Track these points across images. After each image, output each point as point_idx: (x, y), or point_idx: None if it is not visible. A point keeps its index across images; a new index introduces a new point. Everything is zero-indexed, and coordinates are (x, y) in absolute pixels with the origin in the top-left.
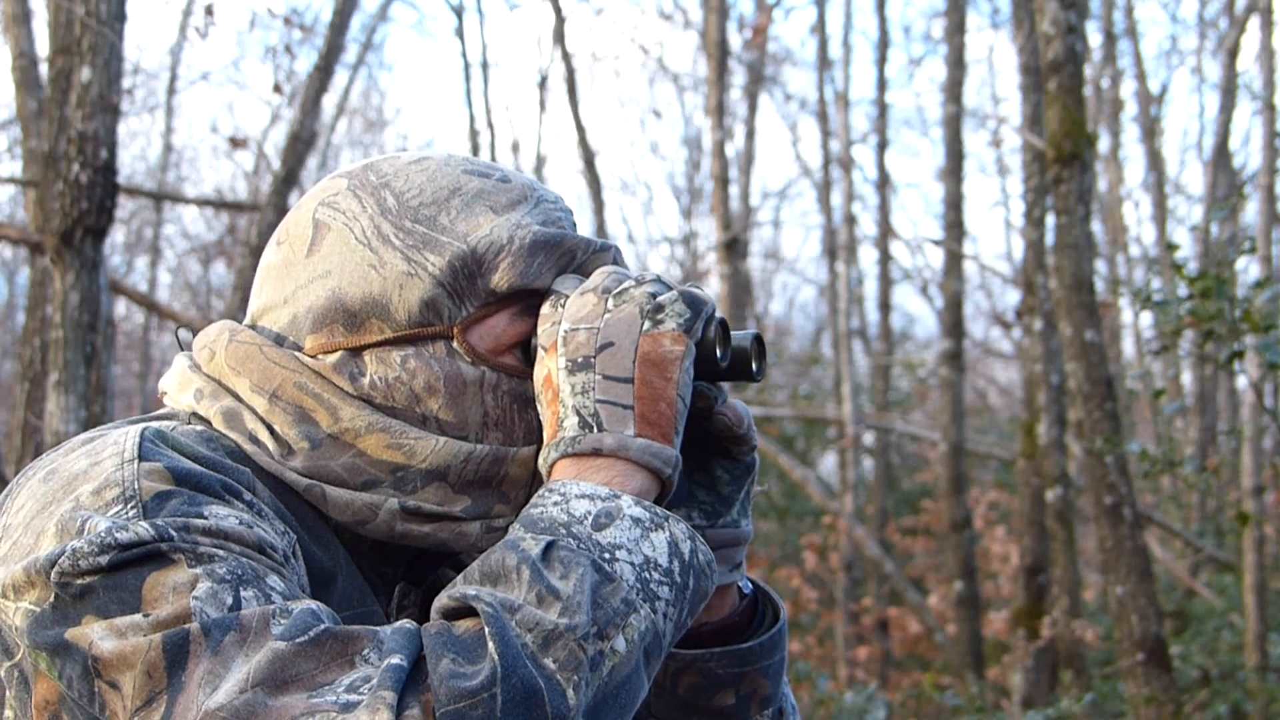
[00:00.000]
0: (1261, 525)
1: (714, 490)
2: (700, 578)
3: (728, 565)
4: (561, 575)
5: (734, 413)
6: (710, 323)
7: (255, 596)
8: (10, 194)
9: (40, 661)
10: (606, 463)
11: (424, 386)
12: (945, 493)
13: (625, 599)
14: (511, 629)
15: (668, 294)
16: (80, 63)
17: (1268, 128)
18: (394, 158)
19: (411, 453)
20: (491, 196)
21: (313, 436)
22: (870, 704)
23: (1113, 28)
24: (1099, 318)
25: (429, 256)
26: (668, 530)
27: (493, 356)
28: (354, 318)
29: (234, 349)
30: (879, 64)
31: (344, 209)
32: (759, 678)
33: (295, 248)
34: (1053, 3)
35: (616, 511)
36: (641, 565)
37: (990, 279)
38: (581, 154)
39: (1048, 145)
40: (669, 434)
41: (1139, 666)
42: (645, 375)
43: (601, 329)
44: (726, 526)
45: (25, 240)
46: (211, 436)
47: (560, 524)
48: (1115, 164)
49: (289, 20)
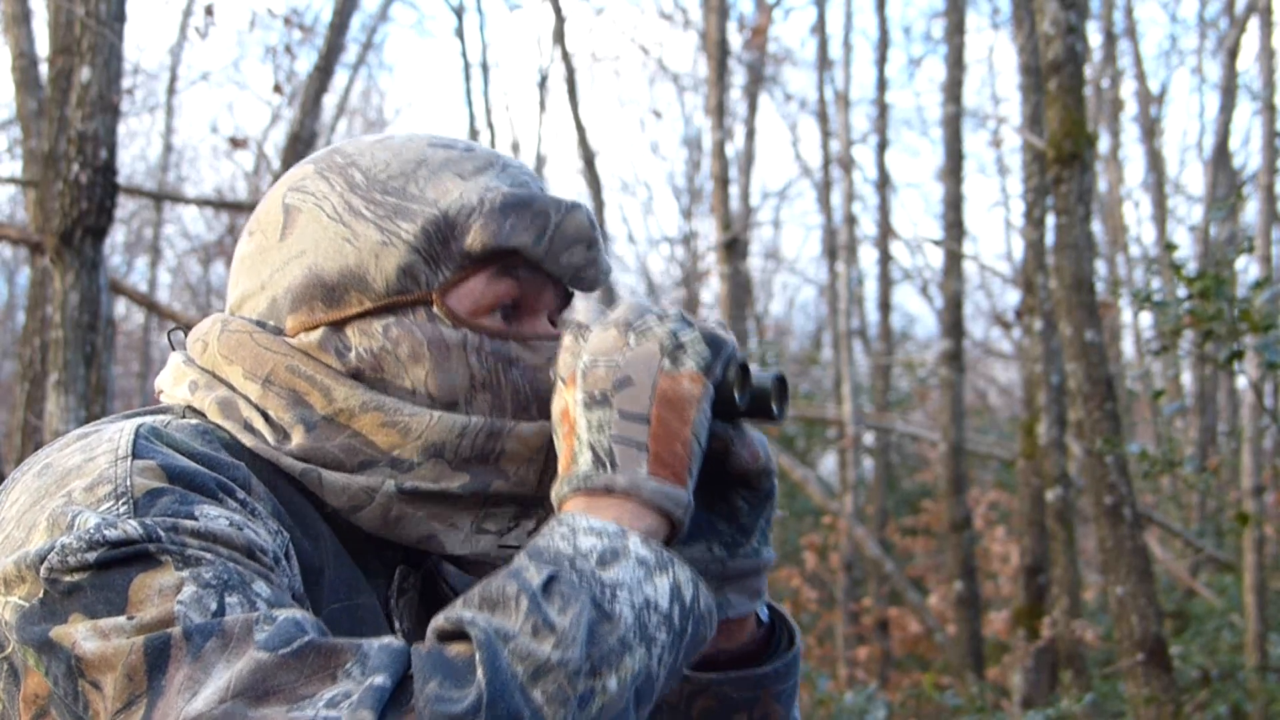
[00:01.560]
0: (1261, 525)
1: (734, 520)
2: (700, 624)
3: (747, 594)
4: (560, 609)
5: (750, 451)
6: (730, 364)
7: (240, 603)
8: (10, 194)
9: (29, 657)
10: (618, 501)
11: (409, 354)
12: (945, 493)
13: (621, 638)
14: (503, 657)
15: (689, 333)
16: (80, 63)
17: (1268, 128)
18: (357, 140)
19: (406, 430)
20: (457, 165)
21: (308, 419)
22: (870, 704)
23: (1113, 28)
24: (1099, 318)
25: (402, 224)
26: (672, 574)
27: (472, 319)
28: (332, 292)
29: (226, 338)
30: (879, 64)
31: (313, 191)
32: (772, 702)
33: (268, 234)
34: (1053, 3)
35: (623, 550)
36: (641, 606)
37: (990, 279)
38: (581, 154)
39: (1048, 145)
40: (682, 475)
41: (1139, 666)
42: (662, 415)
43: (621, 365)
44: (747, 556)
45: (25, 240)
46: (207, 430)
47: (565, 557)
48: (1115, 164)
49: (289, 20)
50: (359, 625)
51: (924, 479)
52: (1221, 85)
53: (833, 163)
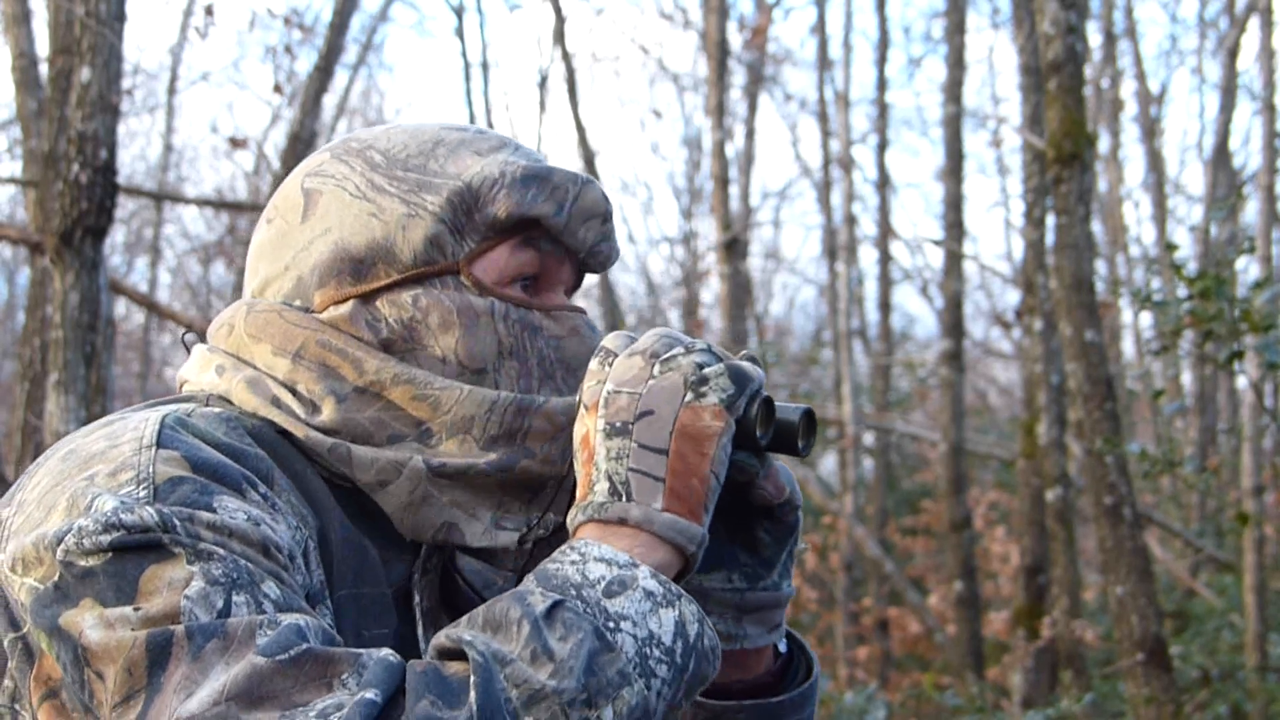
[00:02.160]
0: (1261, 525)
1: (755, 552)
2: (702, 662)
3: (765, 627)
4: (561, 637)
5: (775, 485)
6: (755, 400)
7: (246, 603)
8: (10, 194)
9: (42, 640)
10: (631, 532)
11: (439, 322)
12: (945, 493)
13: (621, 671)
14: (498, 681)
15: (714, 366)
16: (80, 63)
17: (1268, 128)
18: (369, 128)
19: (437, 404)
20: (474, 144)
21: (339, 391)
22: (870, 704)
23: (1113, 28)
24: (1099, 318)
25: (426, 197)
26: (678, 609)
27: (498, 288)
28: (360, 264)
29: (253, 318)
30: (879, 64)
31: (333, 174)
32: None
33: (289, 218)
34: (1053, 3)
35: (631, 581)
36: (645, 640)
37: (990, 279)
38: (581, 154)
39: (1048, 145)
40: (698, 511)
41: (1139, 666)
42: (681, 449)
43: (644, 395)
44: (767, 589)
45: (25, 240)
46: (231, 417)
47: (572, 584)
48: (1115, 164)
49: (289, 20)
50: (363, 615)
51: (924, 479)
52: (1221, 85)
53: (833, 163)
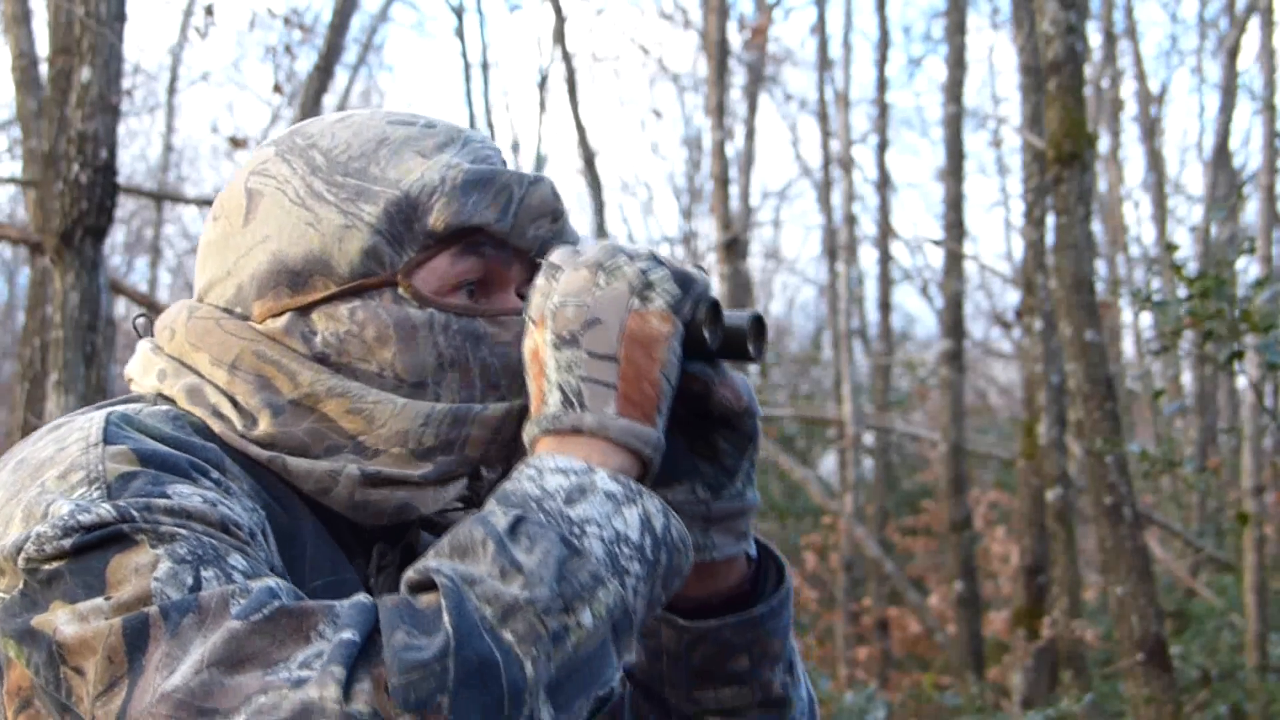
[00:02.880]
0: (1261, 525)
1: (717, 462)
2: (674, 553)
3: (734, 536)
4: (527, 549)
5: (733, 392)
6: (701, 302)
7: (216, 576)
8: (10, 194)
9: (9, 649)
10: (586, 441)
11: (375, 336)
12: (945, 493)
13: (593, 573)
14: (469, 601)
15: (659, 271)
16: (80, 63)
17: (1268, 128)
18: (319, 119)
19: (371, 418)
20: (419, 142)
21: (274, 404)
22: (870, 704)
23: (1113, 28)
24: (1099, 318)
25: (364, 206)
26: (640, 505)
27: (438, 298)
28: (297, 277)
29: (193, 325)
30: (879, 64)
31: (275, 174)
32: (770, 639)
33: (232, 220)
34: (1053, 3)
35: (590, 486)
36: (612, 540)
37: (990, 279)
38: (581, 154)
39: (1048, 145)
40: (651, 414)
41: (1139, 666)
42: (630, 354)
43: (590, 305)
44: (732, 498)
45: (25, 240)
46: (178, 415)
47: (532, 498)
48: (1115, 164)
49: (289, 20)
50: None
51: (924, 479)
52: (1221, 85)
53: (833, 163)
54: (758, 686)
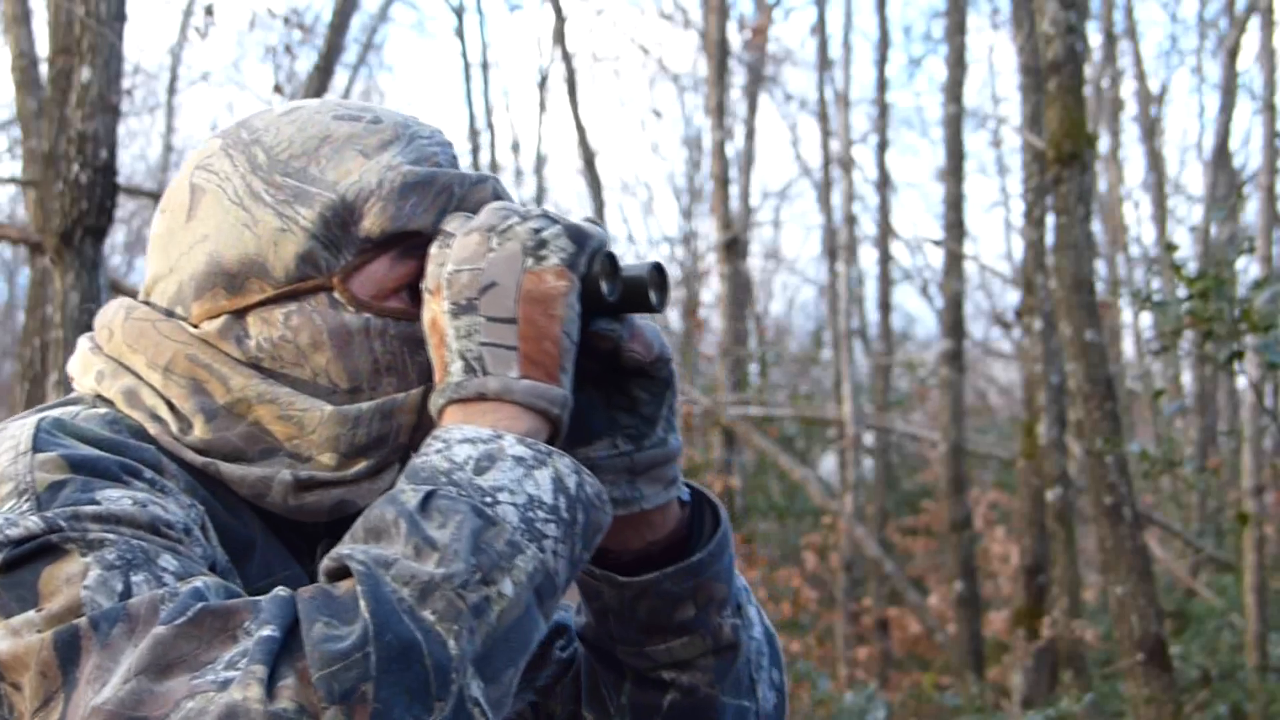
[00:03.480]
0: (1261, 525)
1: (635, 412)
2: (590, 510)
3: (661, 484)
4: (440, 524)
5: (643, 344)
6: (596, 256)
7: (146, 580)
8: (10, 194)
9: None
10: (492, 406)
11: (309, 342)
12: (945, 493)
13: (510, 541)
14: (386, 584)
15: (551, 228)
16: (80, 63)
17: (1268, 128)
18: (267, 111)
19: (301, 424)
20: (362, 140)
21: (208, 408)
22: (870, 704)
23: (1113, 28)
24: (1099, 318)
25: (300, 210)
26: (551, 466)
27: (376, 302)
28: (233, 279)
29: (129, 326)
30: (879, 64)
31: (217, 170)
32: (713, 584)
33: (176, 215)
34: (1053, 3)
35: (498, 453)
36: (525, 505)
37: (990, 279)
38: (581, 154)
39: (1048, 145)
40: (554, 373)
41: (1139, 666)
42: (529, 314)
43: (485, 269)
44: (654, 446)
45: (25, 240)
46: (115, 418)
47: (441, 472)
48: (1115, 164)
49: (289, 20)
50: None
51: (924, 479)
52: (1221, 85)
53: (833, 163)
54: (707, 633)
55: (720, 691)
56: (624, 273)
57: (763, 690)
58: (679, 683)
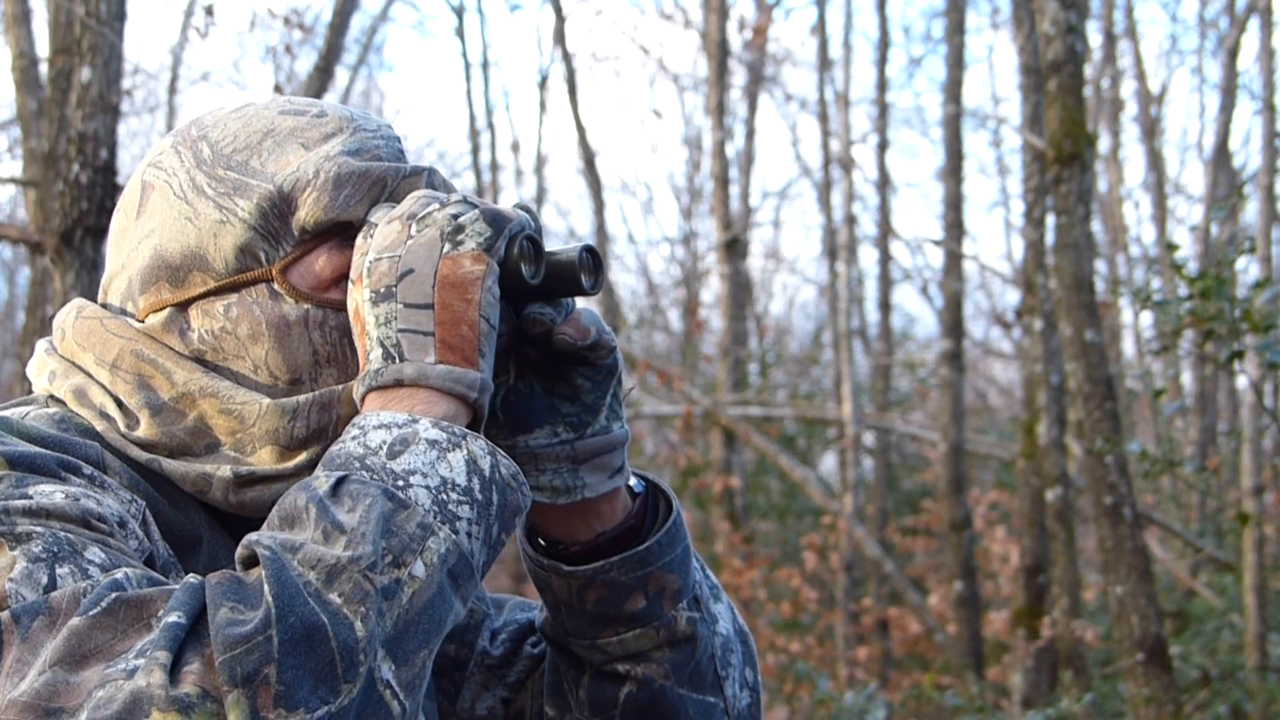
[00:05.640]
0: (1261, 525)
1: (578, 400)
2: (506, 492)
3: (605, 472)
4: (349, 509)
5: (576, 329)
6: (515, 240)
7: (71, 573)
8: (10, 194)
9: None
10: (408, 392)
11: (248, 333)
12: (945, 493)
13: (421, 523)
14: (291, 569)
15: (469, 213)
16: (80, 63)
17: (1268, 128)
18: (218, 109)
19: (241, 417)
20: (304, 133)
21: (153, 403)
22: (870, 704)
23: (1113, 28)
24: (1099, 318)
25: (239, 202)
26: (465, 449)
27: (316, 293)
28: (176, 273)
29: (79, 325)
30: (879, 64)
31: (165, 166)
32: (664, 574)
33: (128, 212)
34: (1053, 3)
35: (412, 437)
36: (438, 488)
37: (990, 279)
38: (581, 154)
39: (1048, 145)
40: (472, 357)
41: (1139, 666)
42: (445, 299)
43: (403, 256)
44: (596, 434)
45: (25, 240)
46: (64, 417)
47: (355, 457)
48: (1115, 164)
49: (289, 20)
50: None
51: (924, 479)
52: (1221, 85)
53: (833, 163)
54: (660, 625)
55: (676, 684)
56: (551, 256)
57: (732, 688)
58: (634, 675)
